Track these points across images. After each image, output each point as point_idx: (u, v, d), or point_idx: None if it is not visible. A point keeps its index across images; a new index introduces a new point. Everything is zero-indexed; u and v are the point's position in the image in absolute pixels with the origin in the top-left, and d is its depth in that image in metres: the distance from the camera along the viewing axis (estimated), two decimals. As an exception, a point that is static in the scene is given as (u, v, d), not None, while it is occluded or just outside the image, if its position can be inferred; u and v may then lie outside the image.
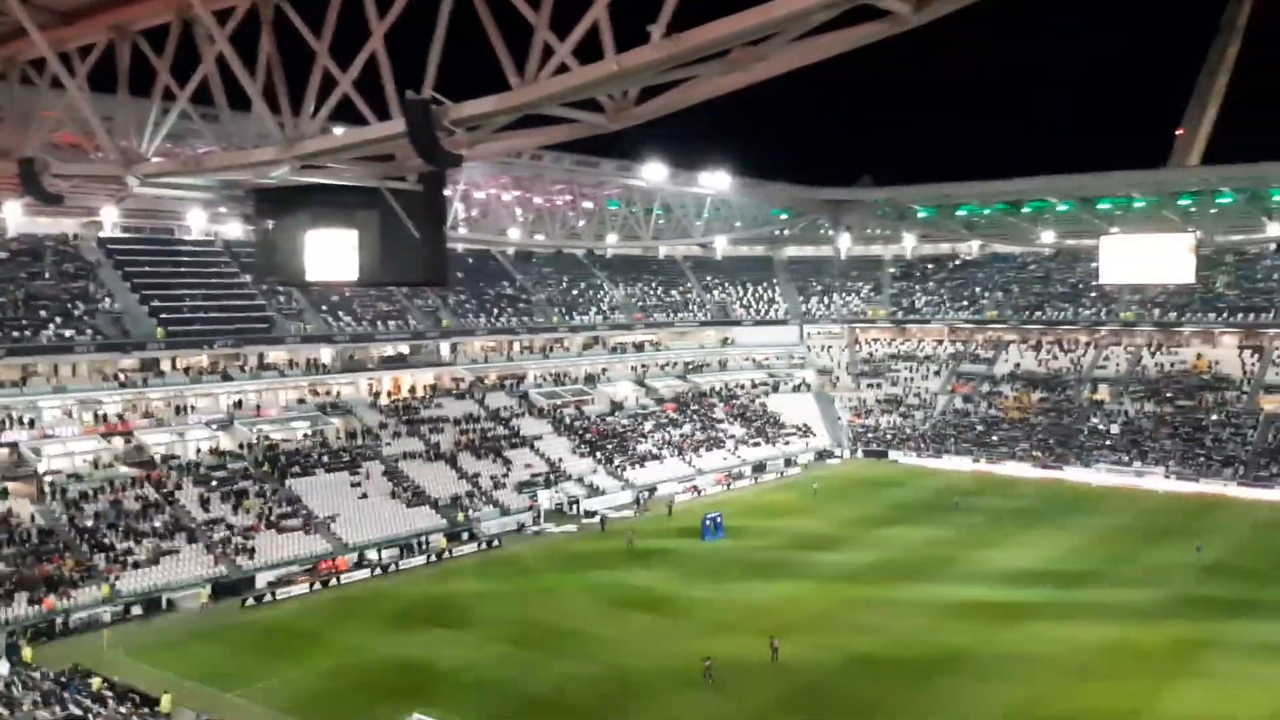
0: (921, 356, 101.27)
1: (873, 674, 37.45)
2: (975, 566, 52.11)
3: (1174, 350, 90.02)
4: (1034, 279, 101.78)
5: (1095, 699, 34.74)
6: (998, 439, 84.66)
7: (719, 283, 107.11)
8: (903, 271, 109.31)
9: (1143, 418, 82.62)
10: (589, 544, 58.80)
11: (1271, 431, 76.21)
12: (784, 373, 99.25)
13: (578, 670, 38.07)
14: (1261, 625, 42.18)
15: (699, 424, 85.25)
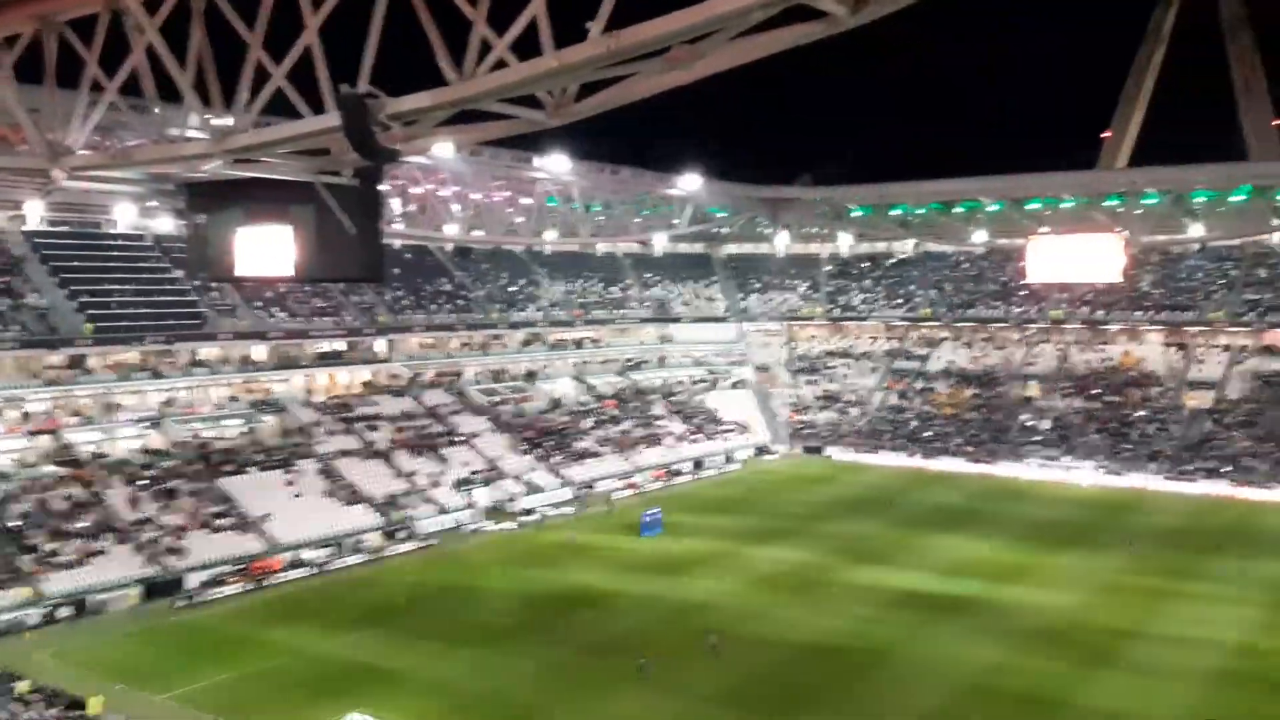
0: (858, 354, 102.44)
1: (811, 666, 37.88)
2: (909, 561, 52.80)
3: (1101, 348, 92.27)
4: (966, 277, 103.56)
5: (1023, 688, 35.52)
6: (932, 435, 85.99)
7: (658, 280, 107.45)
8: (839, 270, 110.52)
9: (1071, 413, 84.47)
10: (528, 541, 58.62)
11: (1194, 427, 78.39)
12: (723, 369, 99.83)
13: (518, 667, 37.97)
14: (1183, 616, 43.40)
15: (638, 421, 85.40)
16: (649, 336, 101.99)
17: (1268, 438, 74.33)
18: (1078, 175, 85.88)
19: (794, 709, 34.06)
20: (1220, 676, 36.52)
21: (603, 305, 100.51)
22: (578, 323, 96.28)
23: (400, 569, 53.46)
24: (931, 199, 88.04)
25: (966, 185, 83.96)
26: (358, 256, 18.21)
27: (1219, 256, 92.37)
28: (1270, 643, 39.84)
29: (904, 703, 34.44)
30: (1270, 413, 77.26)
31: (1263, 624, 42.30)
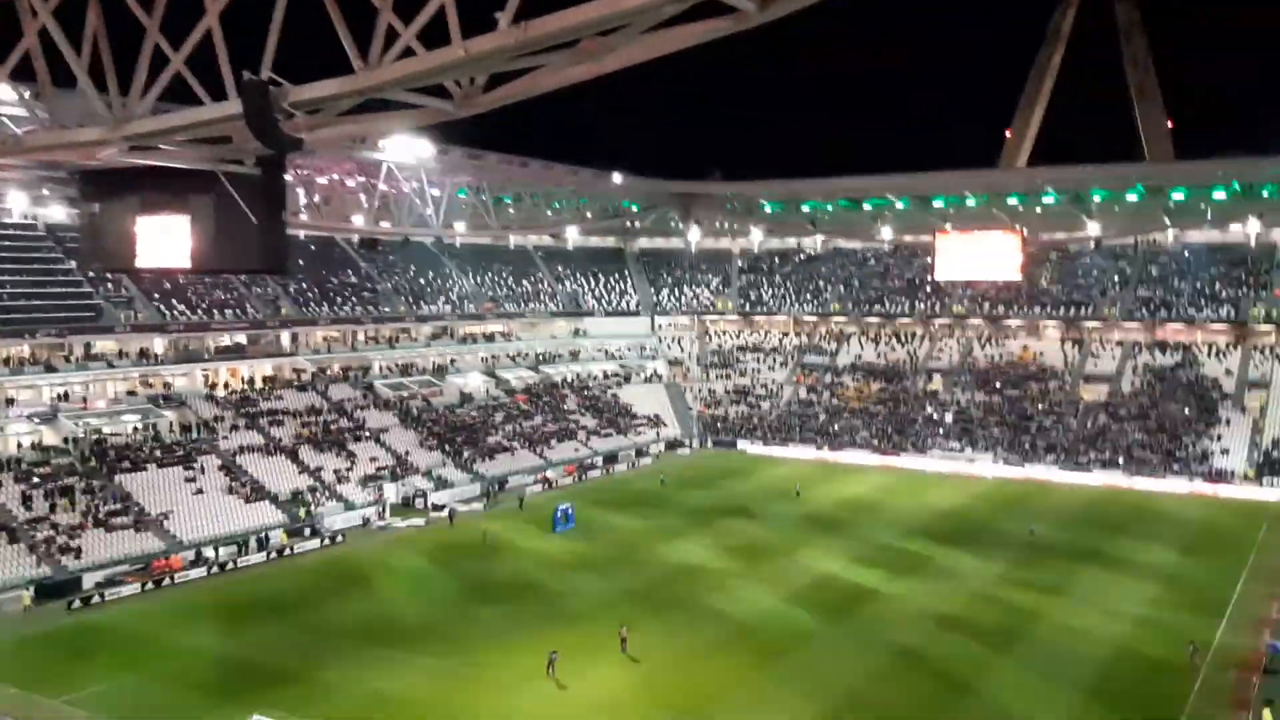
0: (768, 348, 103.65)
1: (720, 657, 38.18)
2: (817, 552, 53.57)
3: (1002, 342, 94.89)
4: (874, 274, 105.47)
5: (927, 675, 36.32)
6: (840, 428, 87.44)
7: (570, 273, 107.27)
8: (750, 265, 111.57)
9: (973, 407, 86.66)
10: (438, 538, 58.00)
11: (1089, 419, 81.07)
12: (635, 364, 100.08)
13: (427, 666, 37.52)
14: (1077, 603, 44.92)
15: (550, 415, 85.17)
16: (561, 330, 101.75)
17: (1159, 430, 77.26)
18: (980, 174, 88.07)
19: (703, 700, 34.29)
20: (1116, 653, 37.88)
21: (514, 299, 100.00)
22: (488, 316, 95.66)
23: (305, 566, 52.41)
24: (840, 196, 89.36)
25: (874, 183, 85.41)
26: (260, 247, 17.81)
27: (1114, 254, 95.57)
28: (1161, 619, 41.50)
29: (816, 688, 34.90)
30: (1162, 406, 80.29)
31: (1154, 602, 44.03)
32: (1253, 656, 37.75)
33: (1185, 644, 37.60)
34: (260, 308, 77.88)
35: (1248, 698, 33.65)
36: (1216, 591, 46.26)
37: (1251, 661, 37.27)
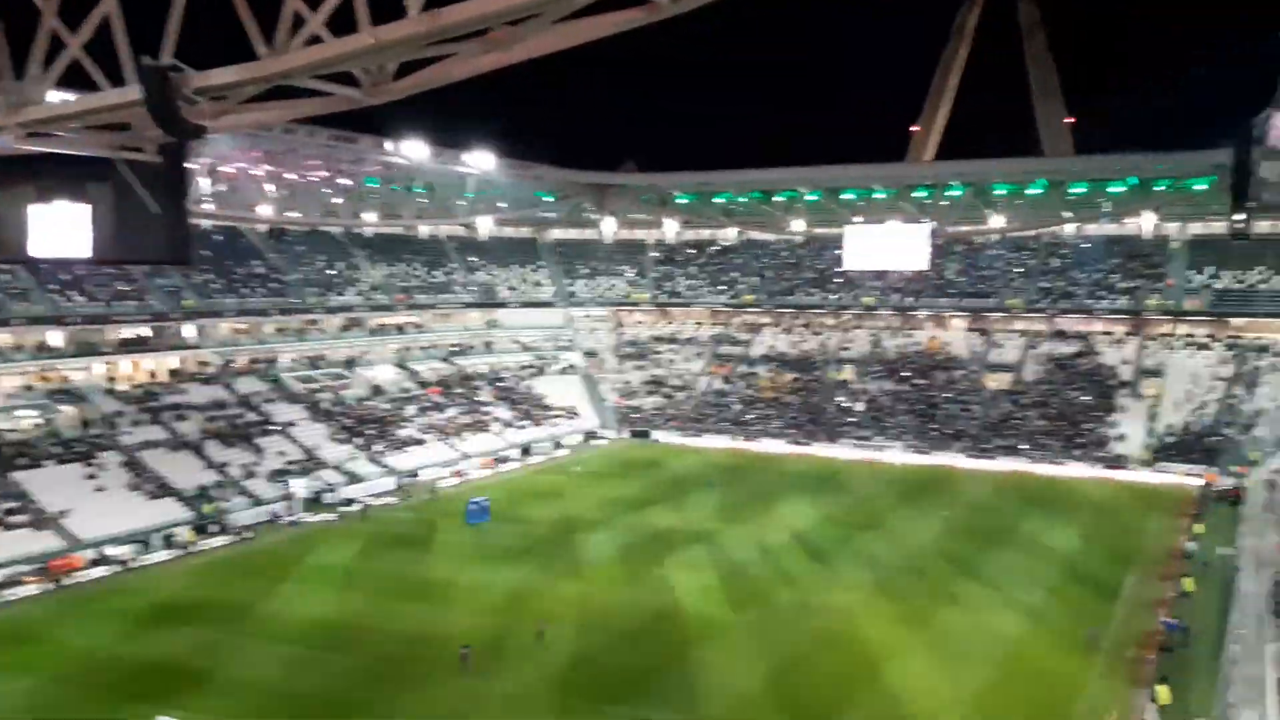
0: (683, 339, 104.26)
1: (636, 649, 38.31)
2: (731, 541, 54.06)
3: (910, 333, 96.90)
4: (786, 265, 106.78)
5: (839, 663, 36.96)
6: (754, 418, 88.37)
7: (484, 264, 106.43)
8: (665, 256, 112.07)
9: (883, 396, 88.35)
10: (349, 533, 57.12)
11: (994, 407, 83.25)
12: (550, 355, 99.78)
13: (339, 663, 36.95)
14: (983, 586, 46.15)
15: (464, 407, 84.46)
16: (474, 322, 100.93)
17: (1060, 417, 79.70)
18: (887, 167, 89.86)
19: (617, 692, 34.39)
20: (1019, 635, 39.03)
21: (426, 290, 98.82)
22: (400, 307, 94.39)
23: (212, 564, 51.16)
24: (753, 188, 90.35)
25: (785, 175, 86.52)
26: (162, 237, 17.29)
27: (1016, 246, 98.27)
28: (1062, 600, 42.87)
29: (726, 681, 35.26)
30: (1062, 394, 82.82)
31: (1056, 584, 45.47)
32: (1149, 635, 39.20)
33: (1085, 628, 38.88)
34: (163, 299, 75.76)
35: (1145, 675, 34.93)
36: (1115, 573, 47.96)
37: (1148, 640, 38.70)
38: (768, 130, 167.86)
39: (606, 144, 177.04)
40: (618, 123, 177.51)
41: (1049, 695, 33.86)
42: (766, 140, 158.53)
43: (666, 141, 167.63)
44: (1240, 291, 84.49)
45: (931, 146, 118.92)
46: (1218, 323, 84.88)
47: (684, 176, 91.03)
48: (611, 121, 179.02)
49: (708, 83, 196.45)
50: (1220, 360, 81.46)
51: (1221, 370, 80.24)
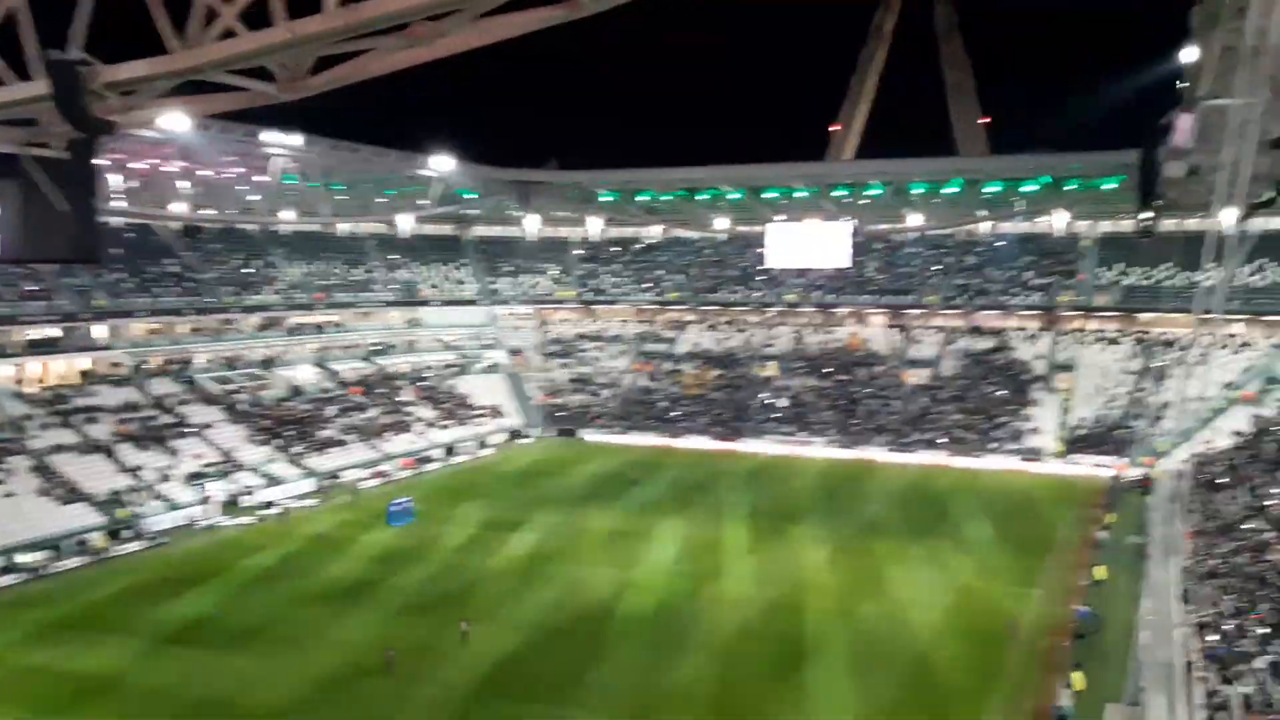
0: (609, 336, 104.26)
1: (562, 648, 38.12)
2: (654, 537, 54.17)
3: (831, 330, 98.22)
4: (710, 262, 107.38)
5: (762, 660, 37.18)
6: (679, 415, 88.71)
7: (405, 262, 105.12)
8: (590, 253, 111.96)
9: (806, 392, 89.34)
10: (269, 536, 56.00)
11: (914, 402, 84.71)
12: (474, 353, 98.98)
13: (259, 669, 36.17)
14: (904, 578, 46.94)
15: (386, 407, 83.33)
16: (396, 320, 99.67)
17: (976, 411, 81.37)
18: (808, 166, 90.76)
19: (541, 692, 34.22)
20: (940, 624, 39.76)
21: (346, 288, 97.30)
22: (319, 306, 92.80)
23: (126, 570, 49.68)
24: (676, 186, 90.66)
25: (708, 173, 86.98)
26: (70, 236, 16.71)
27: (934, 244, 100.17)
28: (981, 590, 43.80)
29: (652, 679, 35.29)
30: (979, 388, 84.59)
31: (974, 574, 46.43)
32: (1064, 623, 40.22)
33: (1004, 618, 39.75)
34: (73, 299, 73.46)
35: (1061, 662, 35.83)
36: (1031, 562, 49.15)
37: (1063, 628, 39.70)
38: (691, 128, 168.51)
39: (530, 141, 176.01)
40: (541, 120, 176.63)
41: (969, 685, 34.49)
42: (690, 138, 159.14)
43: (590, 139, 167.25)
44: (1148, 288, 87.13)
45: (851, 146, 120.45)
46: (1126, 318, 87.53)
47: (607, 174, 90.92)
48: (535, 118, 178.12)
49: (630, 80, 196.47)
50: (1129, 354, 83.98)
51: (1130, 364, 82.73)
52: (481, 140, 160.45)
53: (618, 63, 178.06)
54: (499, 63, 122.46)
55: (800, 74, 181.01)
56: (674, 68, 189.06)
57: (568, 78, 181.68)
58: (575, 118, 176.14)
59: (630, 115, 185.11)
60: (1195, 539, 44.48)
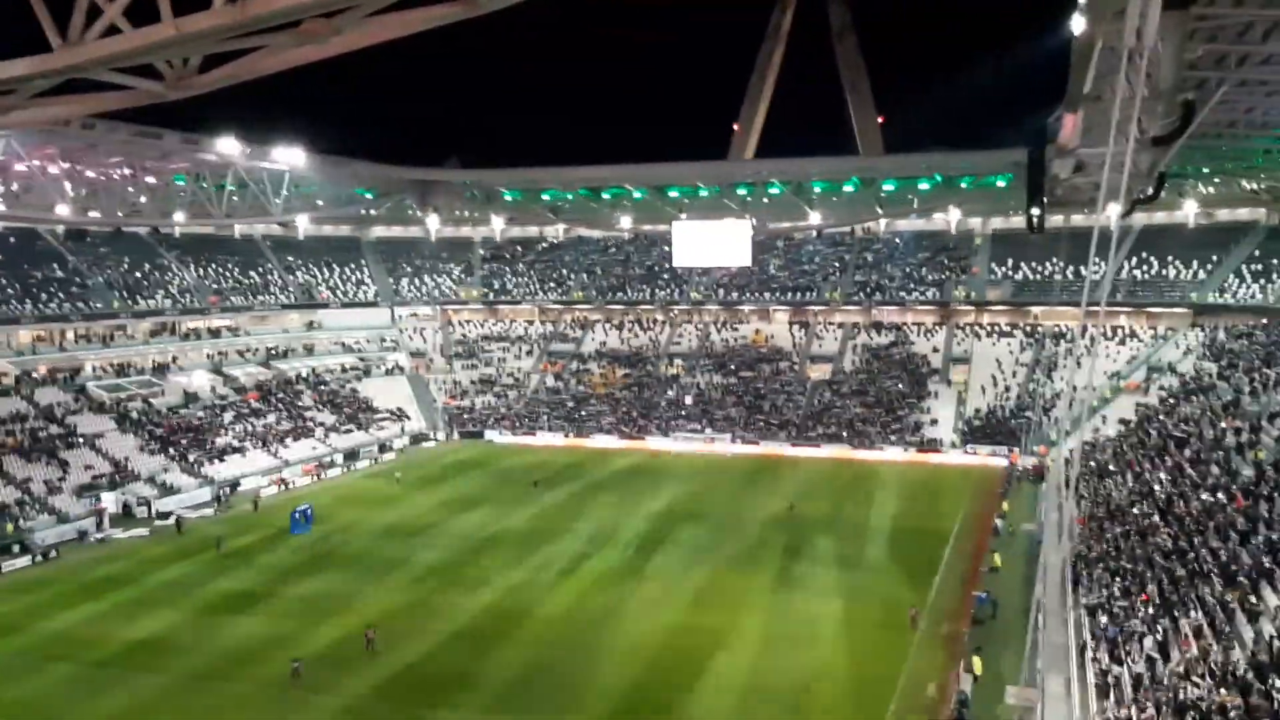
0: (514, 337, 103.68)
1: (467, 652, 37.70)
2: (561, 537, 53.99)
3: (737, 326, 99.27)
4: (615, 261, 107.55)
5: (674, 653, 37.40)
6: (587, 414, 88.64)
7: (303, 264, 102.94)
8: (493, 253, 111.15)
9: (712, 389, 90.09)
10: (164, 548, 54.26)
11: (816, 397, 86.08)
12: (376, 356, 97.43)
13: (157, 684, 35.03)
14: (808, 570, 47.65)
15: (285, 413, 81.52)
16: (294, 324, 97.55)
17: (877, 404, 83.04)
18: (711, 165, 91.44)
19: (448, 697, 33.81)
20: (844, 615, 40.48)
21: (241, 291, 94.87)
22: (213, 310, 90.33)
23: (14, 586, 47.61)
24: (579, 185, 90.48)
25: (611, 172, 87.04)
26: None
27: (834, 242, 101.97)
28: (883, 578, 44.72)
29: (559, 680, 35.20)
30: (879, 382, 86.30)
31: (877, 564, 47.36)
32: (963, 609, 41.31)
33: (906, 608, 40.60)
34: (-52, 306, 70.34)
35: (960, 648, 36.78)
36: (931, 550, 50.38)
37: (962, 614, 40.77)
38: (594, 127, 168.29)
39: (431, 140, 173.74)
40: (442, 118, 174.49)
41: (874, 672, 35.19)
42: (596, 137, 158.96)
43: (492, 138, 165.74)
44: (1038, 282, 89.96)
45: (751, 145, 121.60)
46: (1018, 311, 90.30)
47: (510, 173, 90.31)
48: (435, 117, 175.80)
49: (533, 79, 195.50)
50: (1021, 347, 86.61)
51: (1023, 356, 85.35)
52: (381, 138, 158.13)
53: (520, 60, 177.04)
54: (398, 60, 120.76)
55: (705, 72, 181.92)
56: (578, 65, 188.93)
57: (469, 75, 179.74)
58: (477, 116, 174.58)
59: (534, 113, 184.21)
60: (1086, 524, 46.05)
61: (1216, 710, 22.55)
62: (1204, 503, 40.04)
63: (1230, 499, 38.67)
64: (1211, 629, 28.55)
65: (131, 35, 12.26)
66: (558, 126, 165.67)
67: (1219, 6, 26.24)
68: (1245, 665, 24.59)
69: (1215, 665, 25.38)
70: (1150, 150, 40.62)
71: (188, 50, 12.99)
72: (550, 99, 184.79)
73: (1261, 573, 30.68)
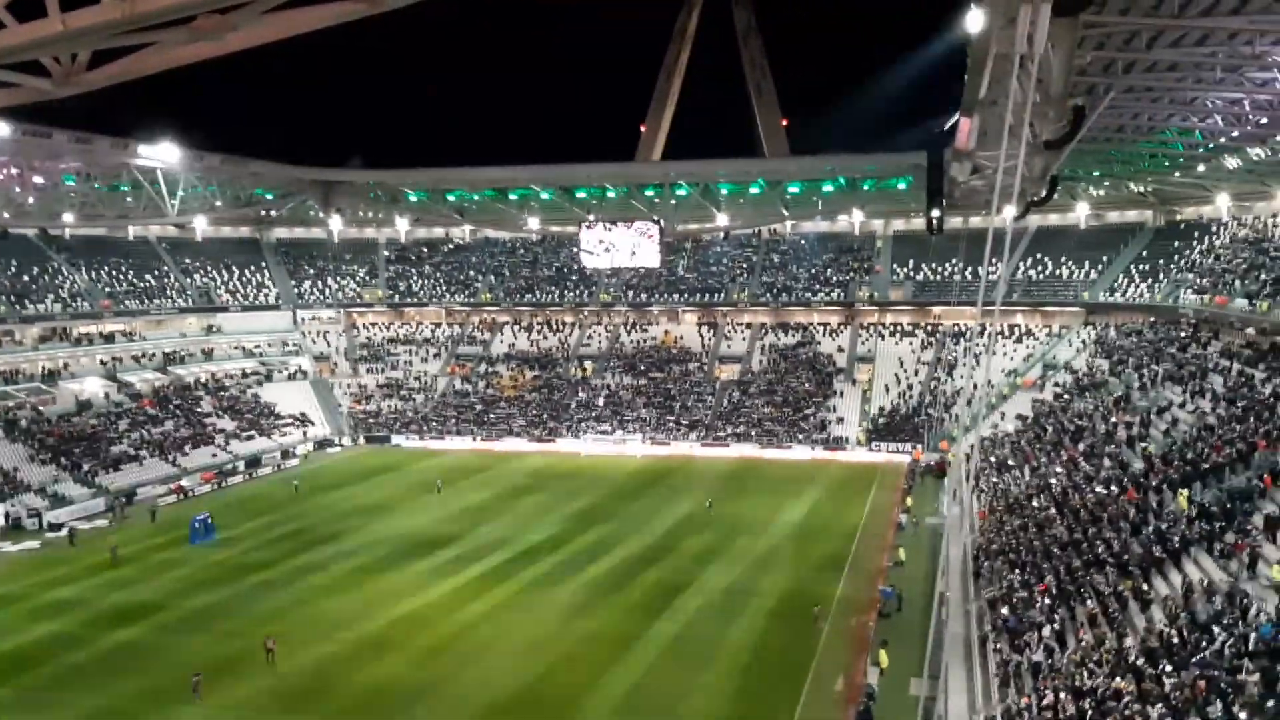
0: (421, 339, 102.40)
1: (373, 660, 37.05)
2: (468, 544, 53.28)
3: (646, 328, 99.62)
4: (523, 263, 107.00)
5: (586, 658, 37.29)
6: (496, 417, 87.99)
7: (200, 266, 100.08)
8: (398, 255, 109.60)
9: (622, 390, 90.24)
10: (57, 560, 52.26)
11: (725, 397, 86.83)
12: (278, 360, 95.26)
13: (57, 701, 33.71)
14: (719, 569, 48.01)
15: (183, 419, 79.21)
16: (192, 328, 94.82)
17: (785, 404, 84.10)
18: (618, 166, 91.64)
19: (353, 705, 33.22)
20: (754, 614, 40.88)
21: (136, 295, 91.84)
22: (107, 315, 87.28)
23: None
24: (485, 186, 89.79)
25: (518, 173, 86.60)
26: None
27: (741, 244, 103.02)
28: (793, 575, 45.30)
29: (467, 689, 34.78)
30: (786, 382, 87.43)
31: (787, 560, 47.98)
32: (870, 603, 42.06)
33: (814, 605, 41.07)
34: None
35: (867, 641, 37.44)
36: (839, 546, 51.27)
37: (869, 607, 41.51)
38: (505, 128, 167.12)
39: (334, 139, 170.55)
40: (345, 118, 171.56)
41: (784, 668, 35.59)
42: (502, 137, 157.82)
43: (397, 137, 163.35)
44: (938, 282, 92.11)
45: (659, 146, 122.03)
46: (919, 311, 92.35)
47: (414, 173, 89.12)
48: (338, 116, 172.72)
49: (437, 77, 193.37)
50: (923, 346, 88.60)
51: (924, 355, 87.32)
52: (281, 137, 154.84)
53: (426, 60, 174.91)
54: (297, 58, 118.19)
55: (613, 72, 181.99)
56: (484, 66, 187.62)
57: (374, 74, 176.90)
58: (382, 115, 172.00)
59: (440, 113, 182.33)
60: (986, 518, 47.30)
61: (1111, 696, 23.34)
62: (1098, 495, 41.45)
63: (1122, 491, 40.10)
64: (1106, 617, 29.55)
65: (17, 30, 11.77)
66: (465, 127, 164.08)
67: (1106, 14, 27.19)
68: (1137, 652, 25.50)
69: (1110, 653, 26.27)
70: (1043, 154, 41.96)
71: (76, 46, 12.51)
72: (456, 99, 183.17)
73: (1152, 562, 31.87)
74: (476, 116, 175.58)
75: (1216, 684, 21.52)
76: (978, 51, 27.99)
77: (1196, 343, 59.79)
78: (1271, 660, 21.18)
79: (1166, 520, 34.30)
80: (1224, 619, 24.81)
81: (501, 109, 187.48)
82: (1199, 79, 36.76)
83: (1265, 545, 28.95)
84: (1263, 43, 31.10)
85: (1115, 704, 22.79)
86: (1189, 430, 43.91)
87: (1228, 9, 27.60)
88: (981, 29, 24.80)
